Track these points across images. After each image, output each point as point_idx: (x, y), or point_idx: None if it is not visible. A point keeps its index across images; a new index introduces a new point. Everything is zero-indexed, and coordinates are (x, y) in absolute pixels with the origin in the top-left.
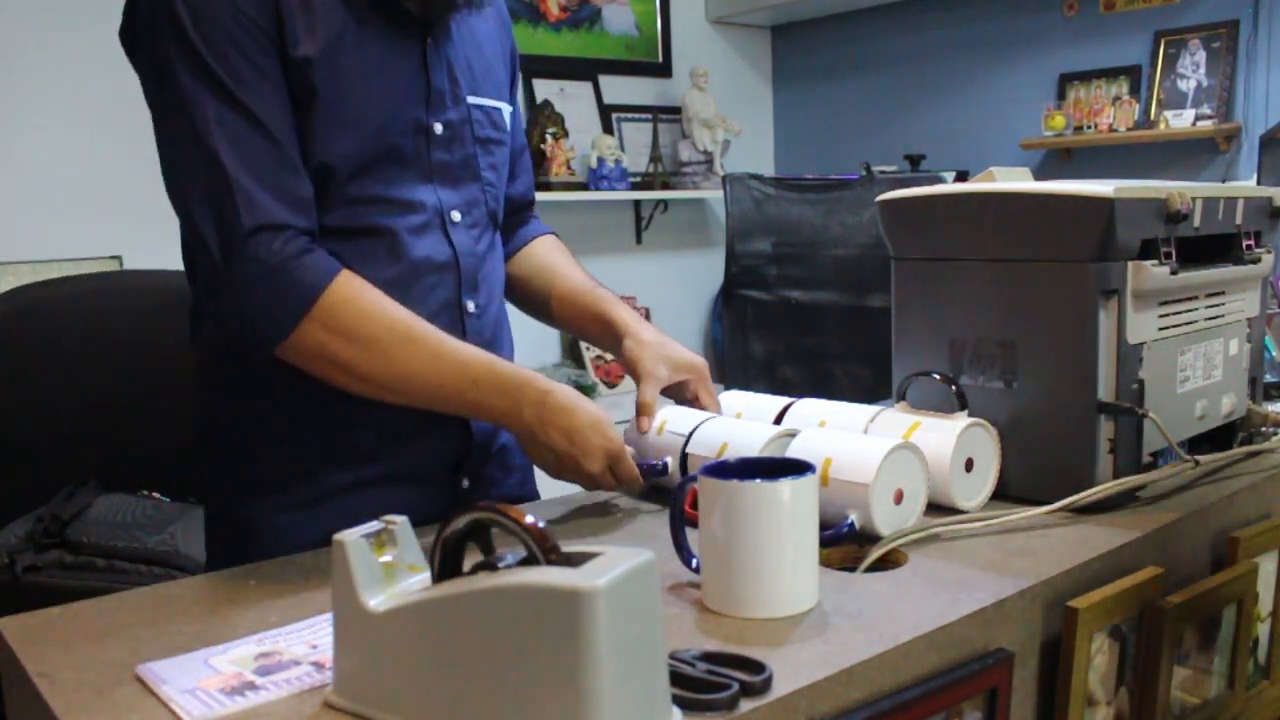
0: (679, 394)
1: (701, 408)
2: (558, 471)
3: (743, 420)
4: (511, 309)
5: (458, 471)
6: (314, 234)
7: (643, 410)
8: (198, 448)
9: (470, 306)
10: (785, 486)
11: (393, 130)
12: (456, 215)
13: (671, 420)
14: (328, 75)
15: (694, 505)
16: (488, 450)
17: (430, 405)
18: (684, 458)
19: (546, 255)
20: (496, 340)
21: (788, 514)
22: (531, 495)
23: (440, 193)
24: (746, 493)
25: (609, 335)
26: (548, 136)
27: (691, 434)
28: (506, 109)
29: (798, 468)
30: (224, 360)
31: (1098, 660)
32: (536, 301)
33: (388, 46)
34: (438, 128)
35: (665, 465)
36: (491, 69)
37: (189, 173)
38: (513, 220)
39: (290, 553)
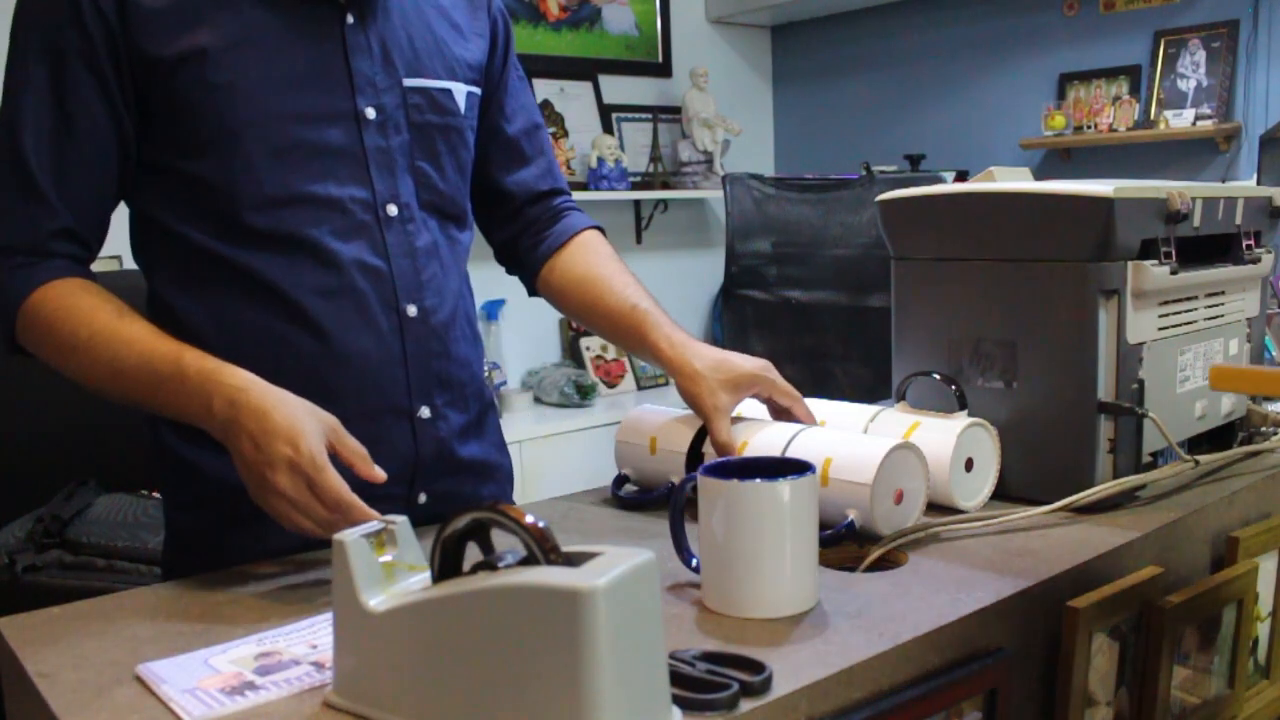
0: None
1: (782, 411)
2: (252, 490)
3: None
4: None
5: (412, 486)
6: (46, 253)
7: (724, 452)
8: (152, 464)
9: (411, 310)
10: (785, 487)
11: (308, 119)
12: (392, 209)
13: (669, 437)
14: (214, 64)
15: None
16: (446, 462)
17: (143, 408)
18: (700, 458)
19: (582, 265)
20: (454, 349)
21: (787, 514)
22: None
23: (378, 183)
24: (746, 492)
25: (647, 353)
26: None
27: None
28: (460, 88)
29: (798, 468)
30: None
31: (1097, 660)
32: (582, 319)
33: (298, 32)
34: (369, 112)
35: (673, 486)
36: (441, 47)
37: None
38: (538, 211)
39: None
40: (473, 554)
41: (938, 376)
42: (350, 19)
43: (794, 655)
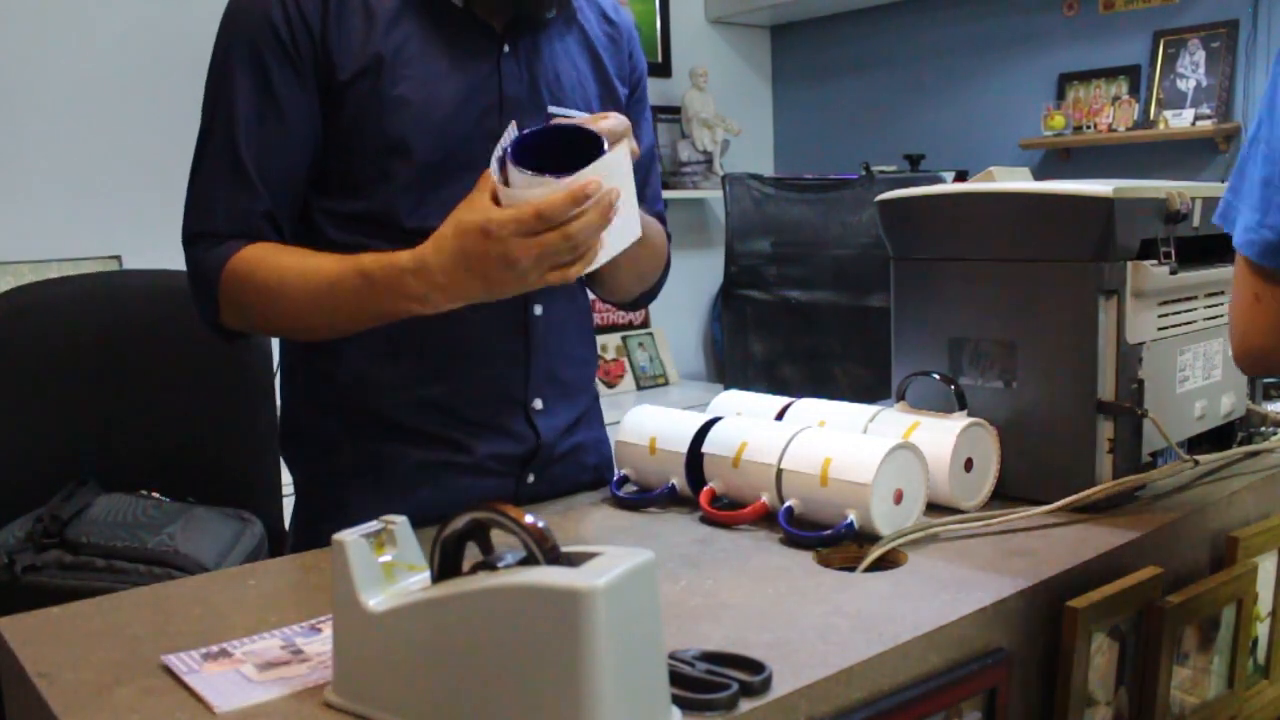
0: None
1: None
2: (503, 280)
3: (752, 420)
4: None
5: (525, 468)
6: (248, 236)
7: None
8: (285, 443)
9: (537, 310)
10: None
11: (460, 134)
12: None
13: (667, 435)
14: (389, 79)
15: (711, 504)
16: (554, 450)
17: (352, 327)
18: (699, 458)
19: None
20: (569, 348)
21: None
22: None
23: None
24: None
25: None
26: None
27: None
28: None
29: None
30: (300, 361)
31: (1097, 660)
32: (623, 271)
33: (458, 53)
34: None
35: (673, 488)
36: (583, 82)
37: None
38: None
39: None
40: (473, 554)
41: (938, 376)
42: (506, 48)
43: (794, 655)
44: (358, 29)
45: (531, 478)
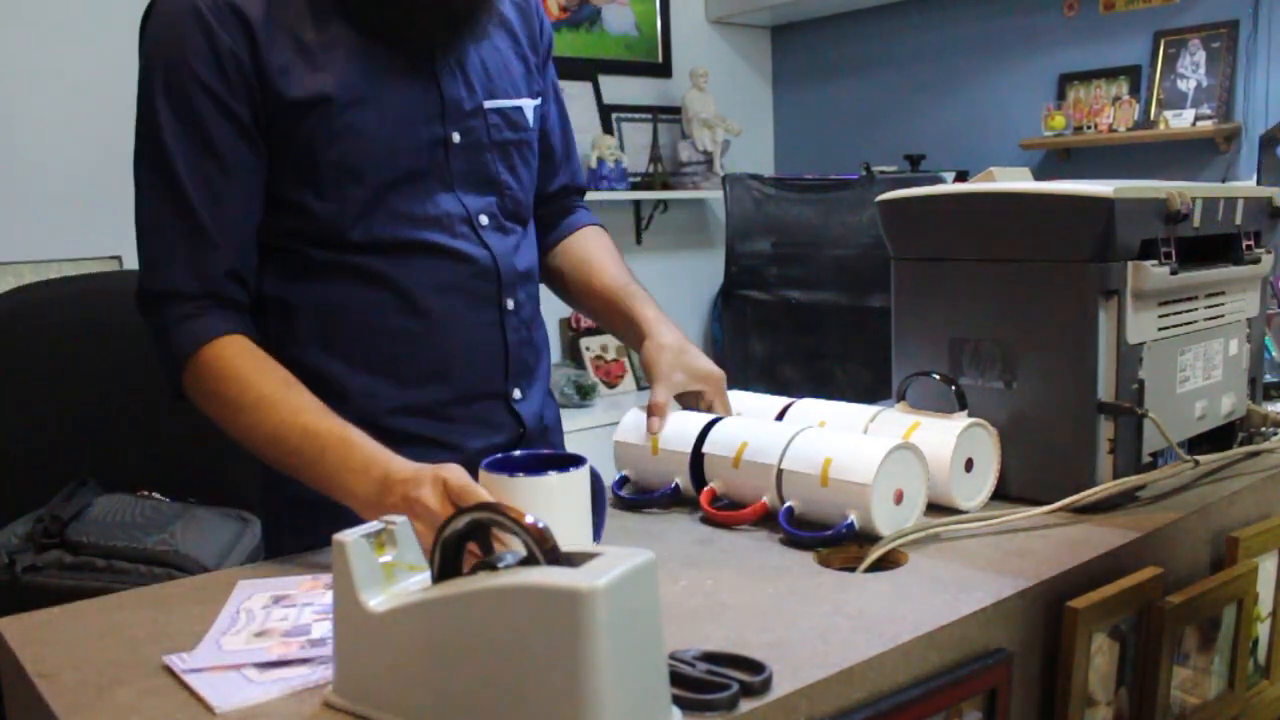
0: (693, 403)
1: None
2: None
3: (753, 420)
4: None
5: None
6: (217, 292)
7: (653, 411)
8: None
9: (509, 304)
10: (554, 479)
11: (408, 149)
12: (484, 219)
13: (669, 436)
14: (337, 109)
15: (711, 504)
16: (534, 433)
17: (298, 476)
18: (701, 458)
19: (586, 249)
20: (535, 337)
21: (558, 505)
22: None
23: (464, 200)
24: (517, 487)
25: (633, 333)
26: None
27: (705, 434)
28: (528, 104)
29: (571, 462)
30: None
31: (1097, 660)
32: (574, 295)
33: (395, 69)
34: (455, 136)
35: (677, 488)
36: (508, 65)
37: (138, 197)
38: (556, 207)
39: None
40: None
41: (938, 376)
42: (439, 53)
43: (794, 655)
44: (292, 60)
45: None
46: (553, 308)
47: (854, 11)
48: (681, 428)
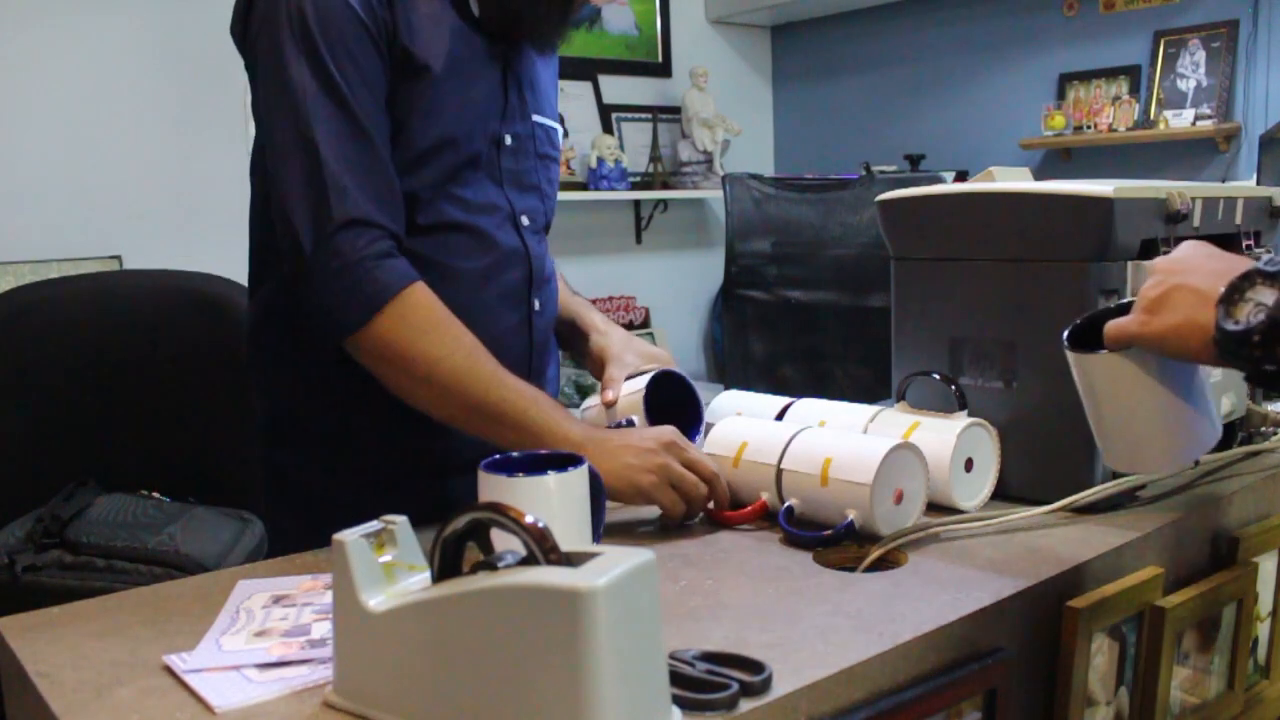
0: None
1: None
2: (631, 481)
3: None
4: None
5: None
6: (400, 238)
7: (607, 384)
8: (267, 436)
9: (536, 304)
10: (551, 479)
11: (474, 138)
12: (525, 220)
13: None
14: (433, 84)
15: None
16: None
17: (482, 420)
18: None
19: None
20: (547, 345)
21: (556, 505)
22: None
23: (510, 196)
24: (515, 487)
25: (577, 334)
26: None
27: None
28: (559, 129)
29: (571, 462)
30: (290, 359)
31: (1097, 660)
32: None
33: (480, 59)
34: (507, 139)
35: (632, 422)
36: (549, 90)
37: (288, 161)
38: None
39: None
40: (473, 554)
41: (938, 376)
42: (513, 58)
43: (794, 655)
44: (415, 22)
45: None
46: None
47: (854, 11)
48: (630, 386)
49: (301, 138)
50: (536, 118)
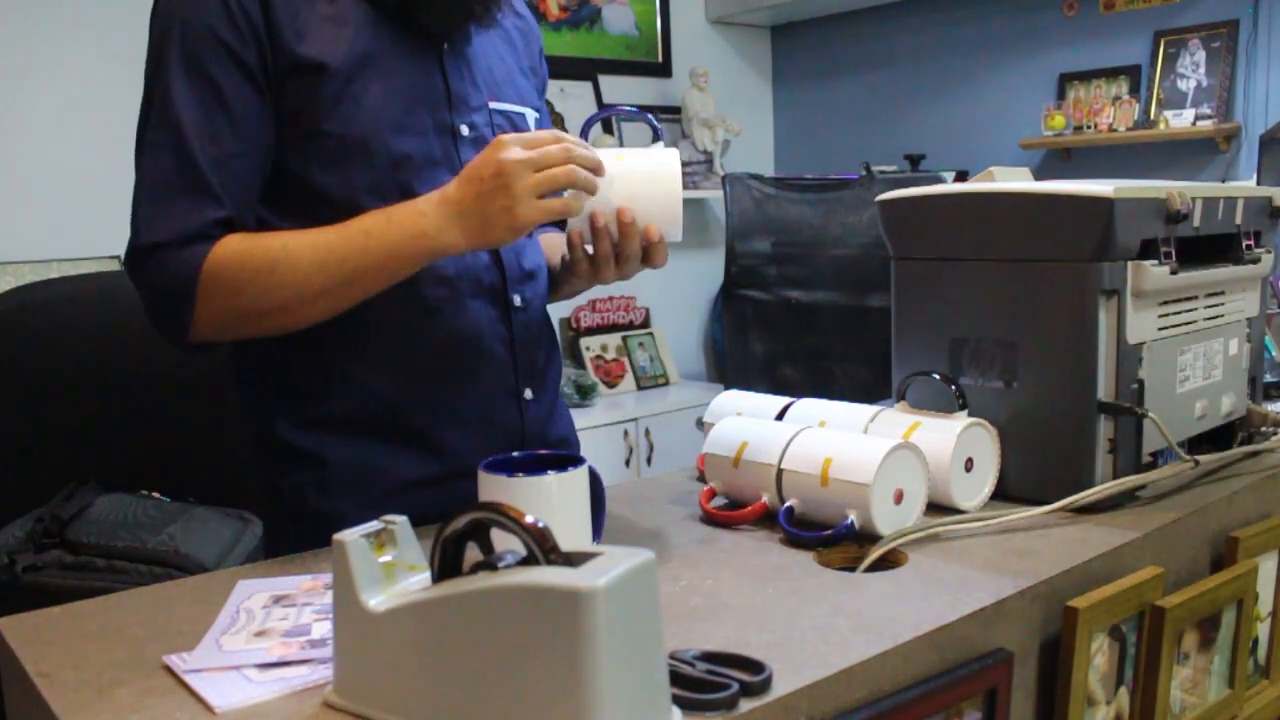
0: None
1: None
2: (490, 191)
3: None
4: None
5: None
6: (210, 239)
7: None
8: (258, 454)
9: (516, 300)
10: (553, 480)
11: (415, 130)
12: None
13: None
14: (337, 81)
15: (711, 503)
16: (543, 439)
17: (358, 287)
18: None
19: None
20: (541, 336)
21: (556, 506)
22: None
23: None
24: (516, 487)
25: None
26: None
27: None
28: (531, 114)
29: (571, 462)
30: (274, 371)
31: (1097, 660)
32: None
33: (402, 50)
34: (464, 129)
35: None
36: (512, 75)
37: (139, 160)
38: None
39: None
40: (473, 554)
41: (938, 376)
42: (445, 45)
43: (794, 655)
44: (304, 26)
45: None
46: (554, 308)
47: (854, 11)
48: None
49: (139, 143)
50: (495, 104)
